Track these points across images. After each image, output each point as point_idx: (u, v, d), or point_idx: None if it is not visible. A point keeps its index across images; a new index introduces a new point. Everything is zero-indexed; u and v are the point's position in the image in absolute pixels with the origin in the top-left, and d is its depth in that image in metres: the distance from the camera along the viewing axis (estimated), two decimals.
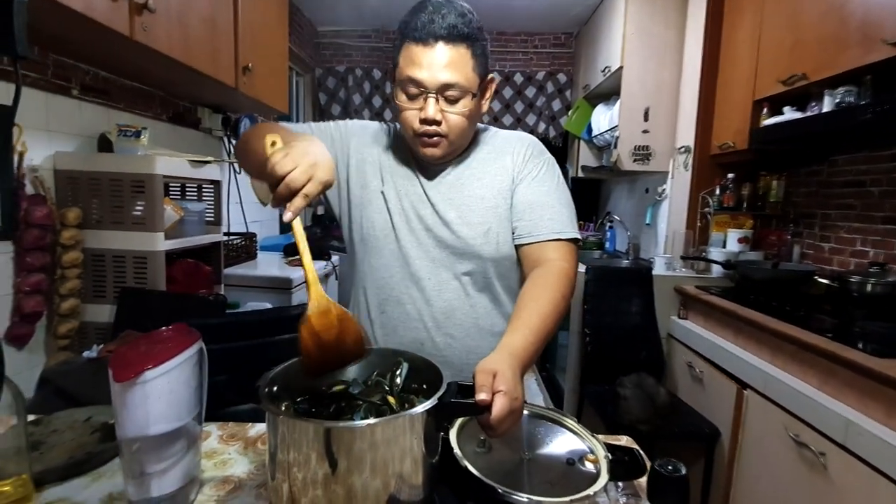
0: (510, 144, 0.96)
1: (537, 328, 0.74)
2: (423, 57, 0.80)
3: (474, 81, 0.84)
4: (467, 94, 0.83)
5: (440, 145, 0.87)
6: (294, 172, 0.60)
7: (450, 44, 0.80)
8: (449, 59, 0.80)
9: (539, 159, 0.95)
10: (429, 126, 0.84)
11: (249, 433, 0.90)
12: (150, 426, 0.63)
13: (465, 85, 0.82)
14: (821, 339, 1.32)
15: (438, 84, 0.81)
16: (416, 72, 0.81)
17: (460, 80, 0.82)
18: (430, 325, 0.92)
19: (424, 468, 0.58)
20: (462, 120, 0.85)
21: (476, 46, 0.83)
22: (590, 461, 0.76)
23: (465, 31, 0.81)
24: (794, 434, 1.32)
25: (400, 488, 0.55)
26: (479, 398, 0.58)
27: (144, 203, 1.39)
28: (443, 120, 0.84)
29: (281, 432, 0.54)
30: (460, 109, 0.84)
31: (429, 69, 0.80)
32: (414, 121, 0.85)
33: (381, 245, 0.93)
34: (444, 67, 0.80)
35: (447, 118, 0.84)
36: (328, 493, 0.52)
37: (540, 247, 0.89)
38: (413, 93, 0.83)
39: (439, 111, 0.83)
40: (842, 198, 1.92)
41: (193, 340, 0.70)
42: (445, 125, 0.84)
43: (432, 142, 0.86)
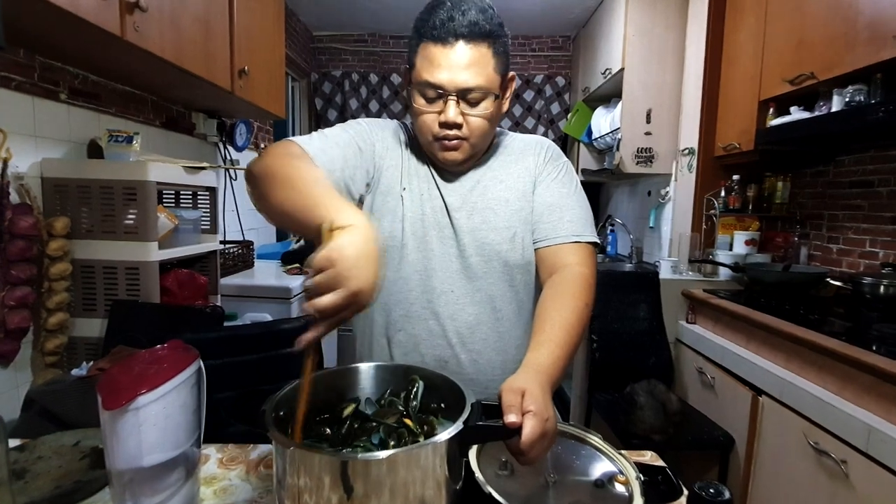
0: (530, 147, 0.93)
1: (563, 341, 0.69)
2: (443, 58, 0.75)
3: (496, 82, 0.80)
4: (489, 95, 0.79)
5: (461, 149, 0.82)
6: (332, 298, 0.47)
7: (471, 43, 0.75)
8: (470, 60, 0.76)
9: (558, 161, 0.92)
10: (449, 130, 0.79)
11: (251, 455, 0.85)
12: (144, 456, 0.58)
13: (487, 86, 0.78)
14: (838, 342, 1.28)
15: (458, 86, 0.77)
16: (436, 74, 0.76)
17: (482, 81, 0.77)
18: (455, 341, 0.87)
19: (447, 498, 0.53)
20: (484, 122, 0.81)
21: (498, 44, 0.78)
22: (620, 483, 0.71)
23: (487, 28, 0.76)
24: (813, 441, 1.28)
25: None
26: (507, 420, 0.53)
27: (137, 211, 1.33)
28: (464, 123, 0.79)
29: (291, 464, 0.49)
30: (482, 111, 0.79)
31: (449, 71, 0.76)
32: (433, 125, 0.80)
33: (399, 256, 0.87)
34: (465, 69, 0.76)
35: (468, 121, 0.80)
36: None
37: (558, 250, 0.85)
38: (432, 96, 0.79)
39: (460, 114, 0.78)
40: (849, 198, 1.89)
41: (191, 359, 0.65)
42: (466, 128, 0.80)
43: (453, 145, 0.81)
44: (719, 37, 2.22)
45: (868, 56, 1.42)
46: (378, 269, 0.51)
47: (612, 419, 1.76)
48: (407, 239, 0.86)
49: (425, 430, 0.61)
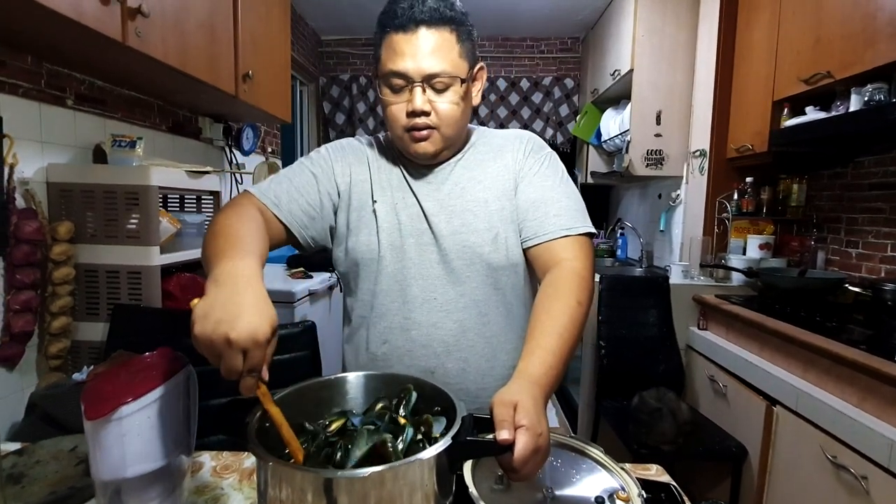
0: (508, 142, 0.90)
1: (555, 347, 0.66)
2: (406, 45, 0.75)
3: (462, 67, 0.79)
4: (455, 80, 0.78)
5: (431, 139, 0.81)
6: (217, 360, 0.49)
7: (433, 28, 0.75)
8: (433, 45, 0.76)
9: (539, 154, 0.89)
10: (417, 118, 0.78)
11: (245, 464, 0.83)
12: (128, 467, 0.56)
13: (452, 71, 0.77)
14: (858, 352, 1.23)
15: (423, 73, 0.76)
16: (399, 62, 0.76)
17: (446, 66, 0.76)
18: (440, 350, 0.84)
19: None
20: (453, 109, 0.79)
21: (462, 30, 0.78)
22: (621, 499, 0.67)
23: (449, 13, 0.76)
24: (831, 455, 1.23)
25: None
26: (500, 437, 0.50)
27: (139, 216, 1.33)
28: (432, 111, 0.78)
29: (273, 479, 0.47)
30: (450, 98, 0.78)
31: (413, 58, 0.75)
32: (401, 115, 0.79)
33: (377, 269, 0.85)
34: (429, 55, 0.75)
35: (436, 108, 0.78)
36: None
37: (549, 247, 0.82)
38: (398, 85, 0.78)
39: (427, 101, 0.77)
40: (869, 201, 1.83)
41: (179, 367, 0.63)
42: (435, 116, 0.79)
43: (422, 135, 0.80)
44: (731, 36, 2.17)
45: (889, 53, 1.37)
46: (250, 309, 0.51)
47: (620, 427, 1.71)
48: (384, 251, 0.84)
49: (421, 431, 0.58)
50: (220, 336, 0.48)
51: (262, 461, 0.47)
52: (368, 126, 3.58)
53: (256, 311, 0.51)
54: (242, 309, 0.50)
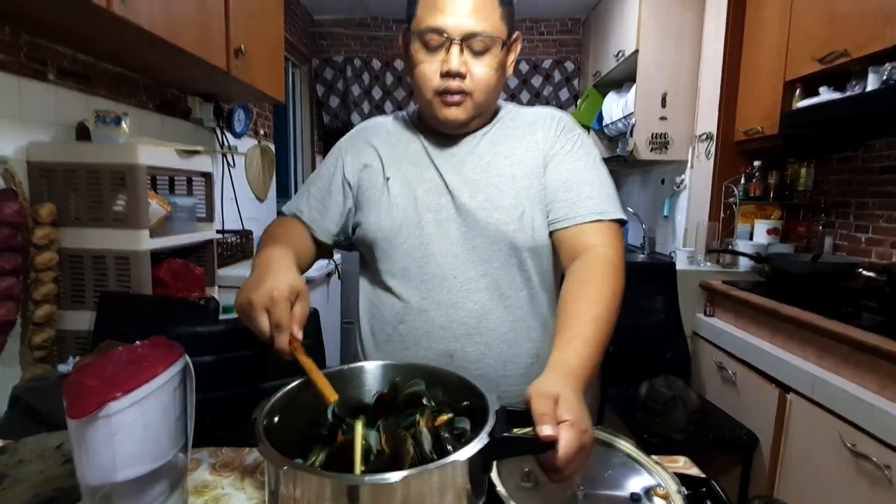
0: (539, 119, 0.85)
1: (592, 337, 0.61)
2: (446, 1, 0.71)
3: (502, 30, 0.74)
4: (496, 42, 0.73)
5: (463, 105, 0.76)
6: (252, 322, 0.58)
7: None
8: (476, 3, 0.72)
9: (572, 133, 0.84)
10: (451, 80, 0.73)
11: (247, 461, 0.77)
12: (119, 470, 0.50)
13: (493, 32, 0.73)
14: (880, 338, 1.19)
15: (463, 31, 0.72)
16: (439, 18, 0.71)
17: (487, 27, 0.72)
18: (460, 332, 0.79)
19: None
20: (489, 74, 0.75)
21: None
22: (659, 496, 0.63)
23: None
24: (850, 444, 1.20)
25: None
26: (543, 433, 0.45)
27: (126, 197, 1.25)
28: (467, 73, 0.74)
29: (287, 486, 0.41)
30: (487, 62, 0.74)
31: (452, 14, 0.71)
32: (433, 76, 0.74)
33: (393, 246, 0.80)
34: (471, 13, 0.71)
35: (472, 72, 0.74)
36: None
37: (578, 231, 0.77)
38: (434, 43, 0.73)
39: (463, 63, 0.73)
40: (880, 185, 1.79)
41: (174, 357, 0.57)
42: (470, 80, 0.74)
43: (454, 101, 0.75)
44: (741, 14, 2.10)
45: None
46: (271, 276, 0.60)
47: (627, 416, 1.68)
48: (399, 227, 0.80)
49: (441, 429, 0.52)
50: (244, 300, 0.57)
51: (274, 465, 0.41)
52: (363, 110, 3.48)
53: (275, 277, 0.59)
54: (265, 278, 0.59)
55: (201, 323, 0.95)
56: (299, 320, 0.56)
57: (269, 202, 2.84)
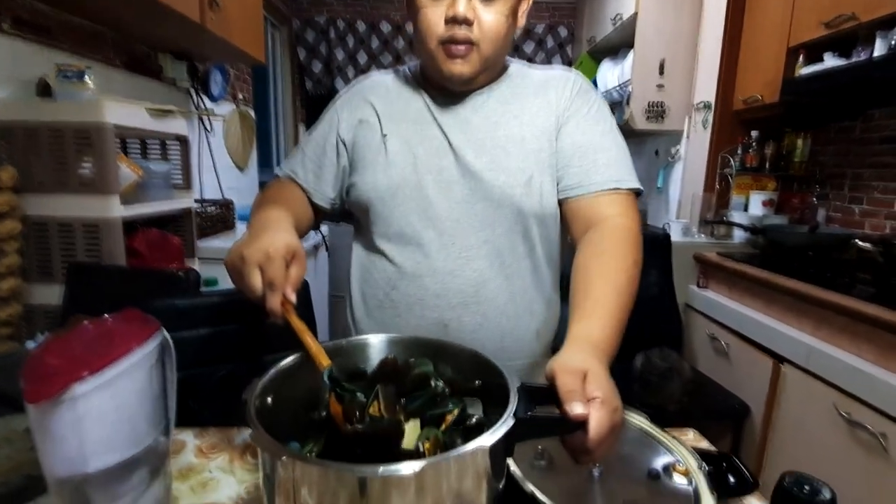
0: (553, 78, 0.78)
1: (615, 309, 0.57)
2: None
3: None
4: None
5: (469, 58, 0.69)
6: (243, 279, 0.53)
7: None
8: None
9: (588, 95, 0.78)
10: (457, 28, 0.66)
11: (236, 441, 0.72)
12: (89, 460, 0.44)
13: None
14: (879, 308, 1.18)
15: None
16: None
17: None
18: (456, 301, 0.74)
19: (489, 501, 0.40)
20: (499, 22, 0.68)
21: None
22: (679, 473, 0.60)
23: None
24: (845, 413, 1.20)
25: None
26: (573, 412, 0.40)
27: (93, 160, 1.15)
28: (475, 21, 0.67)
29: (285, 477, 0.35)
30: (498, 8, 0.67)
31: None
32: (438, 23, 0.67)
33: (388, 208, 0.75)
34: None
35: (480, 19, 0.67)
36: None
37: (594, 200, 0.71)
38: None
39: (471, 9, 0.66)
40: (878, 155, 1.77)
41: (150, 332, 0.50)
42: (478, 28, 0.67)
43: (459, 51, 0.68)
44: None
45: None
46: (266, 234, 0.56)
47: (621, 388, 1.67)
48: (395, 188, 0.74)
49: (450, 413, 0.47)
50: (236, 256, 0.53)
51: (270, 454, 0.35)
52: (348, 75, 3.32)
53: (272, 235, 0.55)
54: (261, 235, 0.55)
55: (181, 296, 0.88)
56: (294, 282, 0.52)
57: (251, 172, 2.72)
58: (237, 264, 0.52)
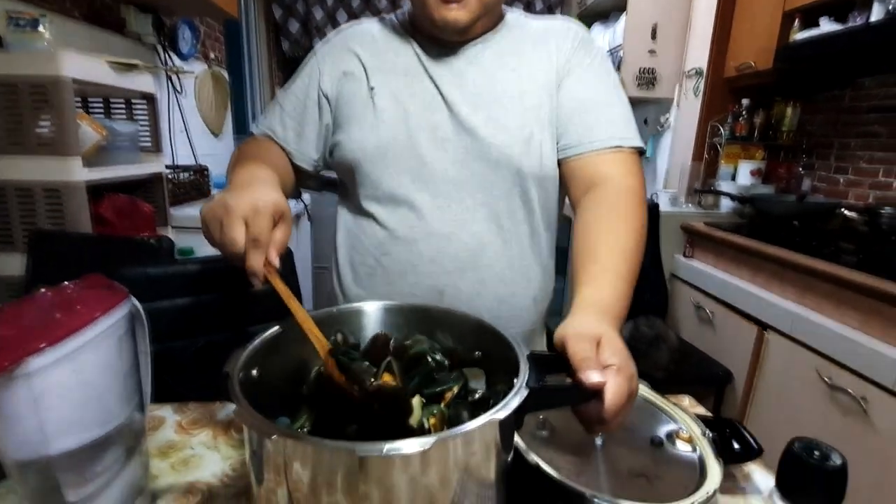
0: (553, 29, 0.73)
1: (625, 272, 0.54)
2: None
3: None
4: None
5: (465, 4, 0.63)
6: (223, 230, 0.46)
7: None
8: None
9: (590, 47, 0.73)
10: None
11: (219, 415, 0.68)
12: (51, 442, 0.39)
13: None
14: (864, 275, 1.20)
15: None
16: None
17: None
18: (452, 267, 0.70)
19: (498, 477, 0.37)
20: None
21: None
22: (682, 440, 0.58)
23: None
24: (827, 377, 1.23)
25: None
26: (589, 380, 0.37)
27: (51, 117, 1.05)
28: None
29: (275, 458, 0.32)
30: None
31: None
32: None
33: (378, 168, 0.70)
34: None
35: None
36: None
37: (595, 159, 0.67)
38: None
39: None
40: (865, 124, 1.77)
41: (117, 300, 0.45)
42: None
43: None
44: None
45: None
46: (254, 190, 0.50)
47: None
48: (384, 147, 0.69)
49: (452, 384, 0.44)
50: (218, 205, 0.47)
51: (258, 433, 0.31)
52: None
53: (260, 190, 0.49)
54: (246, 189, 0.50)
55: (154, 264, 0.82)
56: (278, 246, 0.47)
57: (226, 137, 2.59)
58: (219, 213, 0.46)
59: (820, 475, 0.46)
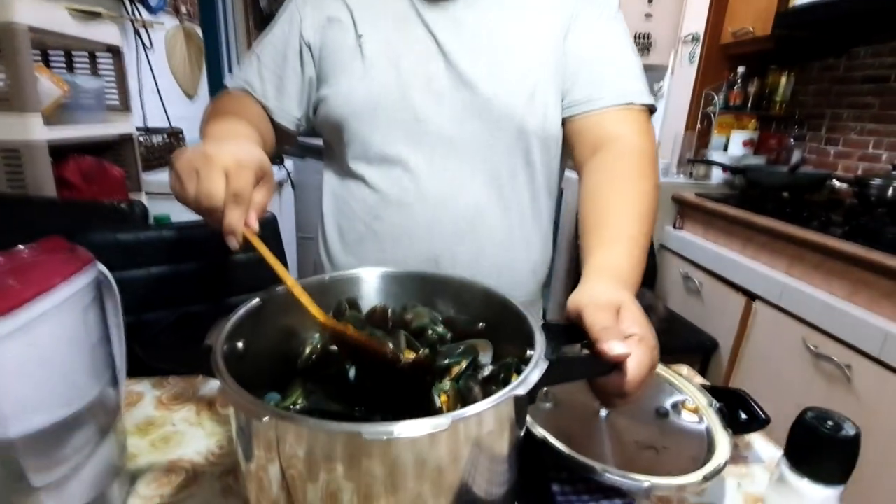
0: None
1: (639, 237, 0.51)
2: None
3: None
4: None
5: None
6: (199, 182, 0.40)
7: None
8: None
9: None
10: None
11: (202, 390, 0.64)
12: (11, 423, 0.35)
13: None
14: (853, 245, 1.20)
15: None
16: None
17: None
18: (448, 233, 0.66)
19: (510, 458, 0.35)
20: None
21: None
22: (688, 410, 0.57)
23: None
24: (813, 346, 1.25)
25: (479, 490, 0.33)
26: (612, 351, 0.34)
27: (6, 69, 0.95)
28: None
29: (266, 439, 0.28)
30: None
31: None
32: None
33: (368, 125, 0.64)
34: None
35: None
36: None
37: (604, 117, 0.63)
38: None
39: None
40: (858, 95, 1.75)
41: (79, 266, 0.40)
42: None
43: None
44: None
45: None
46: (235, 143, 0.45)
47: None
48: (374, 101, 0.63)
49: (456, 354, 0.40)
50: (197, 153, 0.41)
51: (246, 413, 0.27)
52: None
53: (242, 145, 0.44)
54: (227, 142, 0.46)
55: (126, 230, 0.76)
56: (259, 208, 0.42)
57: (201, 100, 2.45)
58: (195, 163, 0.40)
59: (833, 445, 0.45)
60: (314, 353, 0.40)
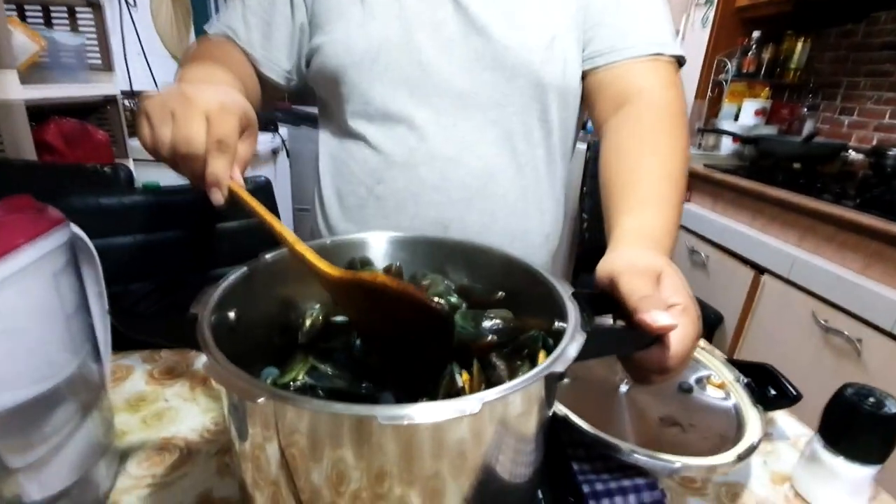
0: None
1: (673, 198, 0.47)
2: None
3: None
4: None
5: None
6: (176, 125, 0.34)
7: None
8: None
9: None
10: None
11: (195, 364, 0.61)
12: None
13: None
14: (868, 216, 1.16)
15: None
16: None
17: None
18: (458, 196, 0.61)
19: (538, 439, 0.31)
20: None
21: None
22: (714, 385, 0.54)
23: None
24: (823, 320, 1.22)
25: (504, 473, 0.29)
26: (656, 322, 0.30)
27: None
28: None
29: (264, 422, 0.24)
30: None
31: None
32: None
33: (368, 77, 0.58)
34: None
35: None
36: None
37: (630, 68, 0.58)
38: None
39: None
40: (877, 62, 1.68)
41: (48, 226, 0.36)
42: None
43: None
44: None
45: None
46: (218, 89, 0.38)
47: None
48: (375, 50, 0.57)
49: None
50: (174, 93, 0.35)
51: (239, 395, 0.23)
52: None
53: (225, 90, 0.39)
54: (207, 86, 0.38)
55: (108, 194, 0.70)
56: (242, 162, 0.38)
57: None
58: (171, 104, 0.34)
59: (875, 422, 0.42)
60: (316, 325, 0.36)
